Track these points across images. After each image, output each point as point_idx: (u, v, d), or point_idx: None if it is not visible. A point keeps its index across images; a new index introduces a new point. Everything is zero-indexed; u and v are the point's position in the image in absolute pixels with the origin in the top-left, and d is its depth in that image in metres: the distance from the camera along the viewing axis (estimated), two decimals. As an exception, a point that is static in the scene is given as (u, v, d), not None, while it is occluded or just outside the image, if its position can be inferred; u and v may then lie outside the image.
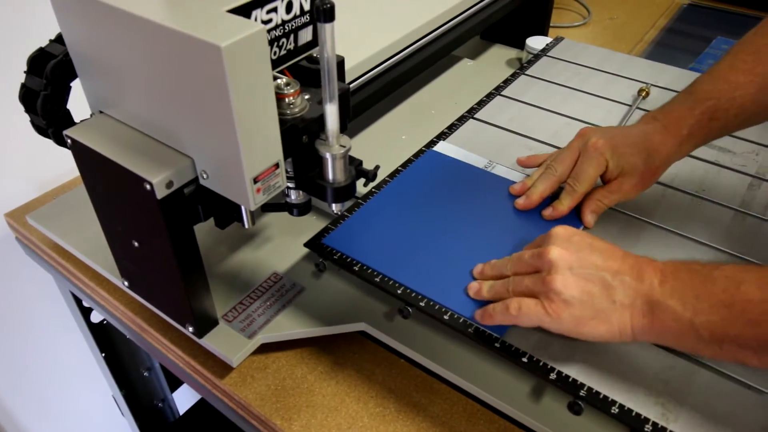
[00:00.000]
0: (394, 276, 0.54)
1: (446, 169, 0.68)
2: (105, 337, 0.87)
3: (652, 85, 0.82)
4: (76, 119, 0.51)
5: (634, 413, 0.45)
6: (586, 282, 0.46)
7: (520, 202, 0.61)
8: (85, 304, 0.81)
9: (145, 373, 0.97)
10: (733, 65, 0.57)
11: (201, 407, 1.18)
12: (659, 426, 0.44)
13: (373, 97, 0.70)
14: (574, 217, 0.61)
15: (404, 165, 0.68)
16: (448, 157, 0.70)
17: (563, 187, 0.61)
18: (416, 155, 0.70)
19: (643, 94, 0.80)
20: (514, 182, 0.65)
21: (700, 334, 0.42)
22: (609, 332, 0.45)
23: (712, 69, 0.59)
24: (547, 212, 0.60)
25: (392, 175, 0.67)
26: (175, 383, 1.05)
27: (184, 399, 1.14)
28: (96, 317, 0.85)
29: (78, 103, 0.51)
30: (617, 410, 0.45)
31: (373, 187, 0.65)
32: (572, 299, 0.45)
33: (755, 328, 0.40)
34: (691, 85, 0.60)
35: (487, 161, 0.69)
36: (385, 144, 0.76)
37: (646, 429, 0.44)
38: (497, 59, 1.00)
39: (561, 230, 0.50)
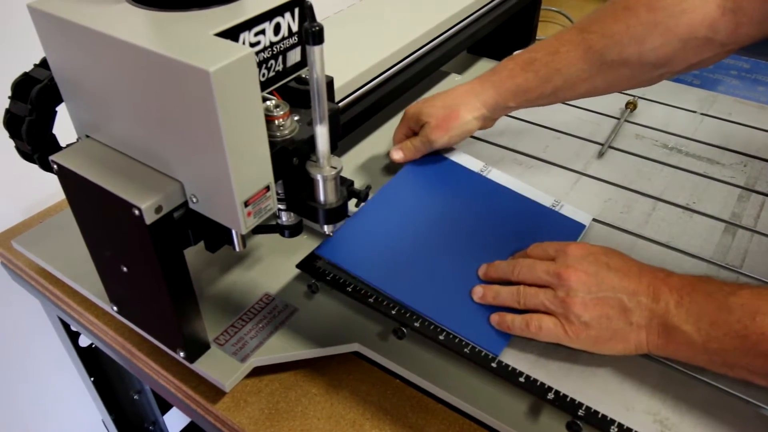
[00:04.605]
0: (386, 288, 0.53)
1: (442, 171, 0.68)
2: (94, 361, 0.86)
3: (639, 97, 0.83)
4: (62, 144, 0.50)
5: (633, 432, 0.44)
6: (603, 305, 0.46)
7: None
8: (73, 328, 0.79)
9: (135, 397, 0.95)
10: (574, 26, 0.60)
11: (192, 429, 1.16)
12: (658, 444, 0.44)
13: (363, 114, 0.70)
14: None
15: (395, 182, 0.68)
16: (443, 157, 0.69)
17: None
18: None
19: (631, 107, 0.81)
20: (510, 189, 0.65)
21: (713, 359, 0.43)
22: (625, 350, 0.47)
23: None
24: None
25: (383, 192, 0.66)
26: (165, 406, 1.03)
27: (175, 421, 1.12)
28: (84, 341, 0.83)
29: (64, 128, 0.50)
30: (616, 429, 0.44)
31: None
32: (591, 321, 0.46)
33: (766, 359, 0.40)
34: None
35: (483, 165, 0.69)
36: (376, 161, 0.75)
37: (645, 447, 0.44)
38: (485, 73, 1.01)
39: (577, 249, 0.50)
